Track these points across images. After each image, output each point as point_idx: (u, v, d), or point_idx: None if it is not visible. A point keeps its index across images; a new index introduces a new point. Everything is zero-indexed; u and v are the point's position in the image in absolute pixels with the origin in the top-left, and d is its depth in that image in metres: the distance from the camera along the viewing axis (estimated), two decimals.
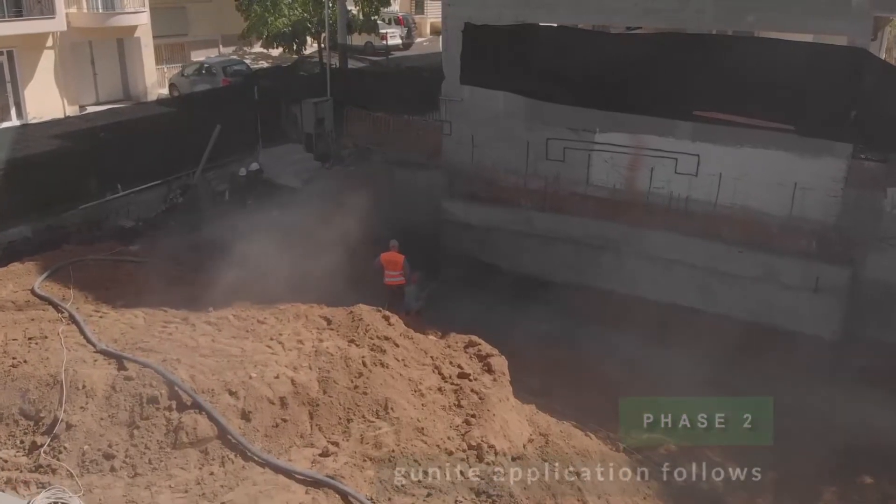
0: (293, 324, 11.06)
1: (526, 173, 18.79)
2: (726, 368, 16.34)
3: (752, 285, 16.36)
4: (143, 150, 16.40)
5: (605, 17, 17.14)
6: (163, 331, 10.77)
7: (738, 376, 16.03)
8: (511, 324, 18.07)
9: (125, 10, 24.63)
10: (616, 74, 16.94)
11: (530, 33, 17.83)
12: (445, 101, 19.56)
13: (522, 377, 14.96)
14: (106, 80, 26.11)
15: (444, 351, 11.84)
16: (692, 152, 16.57)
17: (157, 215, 16.75)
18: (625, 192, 17.59)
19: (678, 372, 16.57)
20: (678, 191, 16.92)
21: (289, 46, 27.99)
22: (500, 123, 18.84)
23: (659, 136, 16.82)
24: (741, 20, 15.70)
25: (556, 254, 18.47)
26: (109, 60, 26.08)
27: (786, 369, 15.61)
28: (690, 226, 16.84)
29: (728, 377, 16.28)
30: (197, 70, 25.61)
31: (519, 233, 18.92)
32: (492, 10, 18.17)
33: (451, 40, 19.13)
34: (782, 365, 15.75)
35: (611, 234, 17.61)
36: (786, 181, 15.84)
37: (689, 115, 16.39)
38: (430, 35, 45.20)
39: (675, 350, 16.84)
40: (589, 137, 17.73)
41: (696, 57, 16.12)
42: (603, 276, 17.91)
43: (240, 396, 9.09)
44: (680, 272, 17.01)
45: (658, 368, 16.41)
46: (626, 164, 17.43)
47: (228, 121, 18.21)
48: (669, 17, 16.25)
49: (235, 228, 16.92)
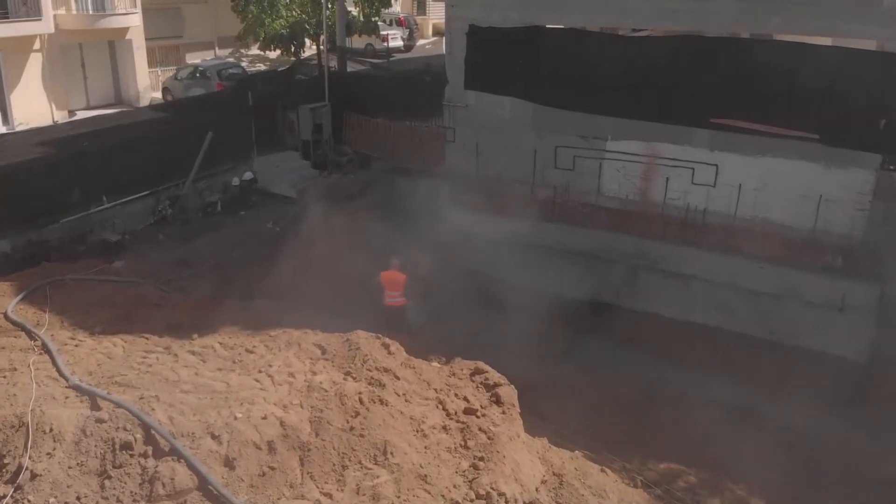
0: (284, 353, 10.17)
1: (533, 182, 17.95)
2: (746, 390, 15.54)
3: (774, 303, 15.46)
4: (131, 158, 15.51)
5: (616, 19, 16.25)
6: (142, 362, 9.88)
7: (760, 399, 15.23)
8: (518, 341, 17.22)
9: (116, 12, 23.71)
10: (629, 79, 16.11)
11: (538, 36, 16.98)
12: (449, 106, 18.74)
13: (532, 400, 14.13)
14: (97, 83, 25.19)
15: (448, 380, 10.93)
16: (710, 162, 15.73)
17: (144, 228, 15.89)
18: (638, 203, 16.74)
19: (696, 393, 15.70)
20: (695, 202, 16.07)
21: (286, 49, 27.10)
22: (506, 130, 17.99)
23: (674, 144, 15.97)
24: (764, 22, 14.80)
25: (565, 267, 17.58)
26: (100, 63, 25.17)
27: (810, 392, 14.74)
28: (708, 239, 15.99)
29: (748, 400, 15.47)
30: (191, 73, 24.69)
31: (526, 245, 18.03)
32: (497, 11, 17.32)
33: (454, 43, 18.28)
34: (806, 387, 14.87)
35: (623, 247, 16.74)
36: (810, 193, 14.99)
37: (707, 123, 15.54)
38: (433, 37, 44.29)
39: (691, 370, 15.99)
40: (600, 145, 16.88)
41: (715, 61, 15.27)
42: (615, 292, 17.06)
43: (223, 441, 8.19)
44: (697, 288, 16.14)
45: (674, 389, 15.54)
46: (640, 174, 16.58)
47: (221, 127, 17.34)
48: (687, 18, 15.36)
49: (227, 241, 16.09)
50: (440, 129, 19.19)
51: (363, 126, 20.24)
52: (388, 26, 39.05)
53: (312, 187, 18.39)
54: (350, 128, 20.47)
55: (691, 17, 15.38)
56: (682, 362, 16.02)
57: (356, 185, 19.26)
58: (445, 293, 18.68)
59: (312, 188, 18.34)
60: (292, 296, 16.26)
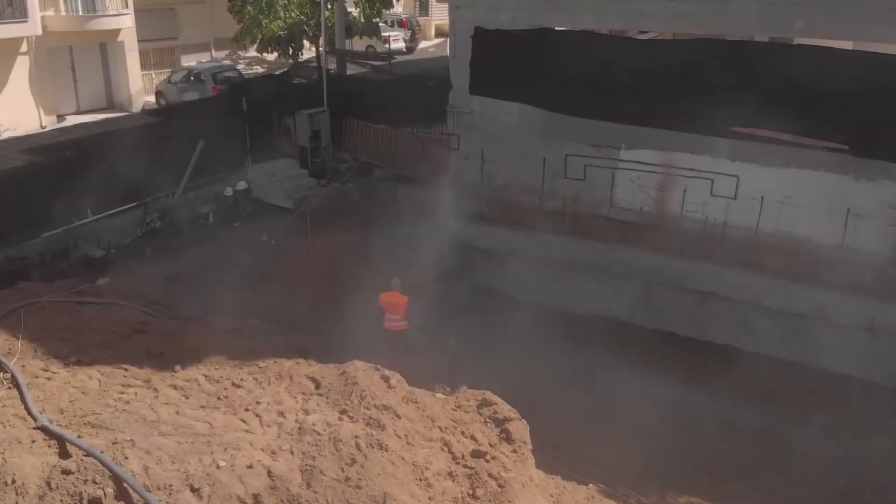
0: (275, 387, 9.29)
1: (542, 193, 17.09)
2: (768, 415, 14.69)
3: (798, 323, 14.64)
4: (117, 168, 14.63)
5: (632, 21, 15.37)
6: (119, 398, 9.01)
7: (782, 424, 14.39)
8: (527, 361, 16.38)
9: (107, 13, 22.79)
10: (645, 85, 15.26)
11: (548, 39, 16.10)
12: (453, 112, 17.88)
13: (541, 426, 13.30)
14: (88, 87, 24.27)
15: (454, 415, 10.05)
16: (730, 173, 14.87)
17: (131, 241, 15.02)
18: (653, 216, 15.89)
19: (715, 419, 14.87)
20: (714, 215, 15.22)
21: (284, 51, 26.22)
22: (513, 137, 17.14)
23: (693, 154, 15.12)
24: (789, 26, 13.91)
25: (577, 282, 16.76)
26: (91, 66, 24.26)
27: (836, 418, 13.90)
28: (728, 254, 15.16)
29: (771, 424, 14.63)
30: (185, 77, 23.79)
31: (534, 258, 17.17)
32: (505, 12, 16.45)
33: (459, 46, 17.40)
34: (832, 413, 14.03)
35: (638, 261, 15.92)
36: (837, 207, 14.12)
37: (728, 132, 14.68)
38: (436, 38, 43.37)
39: (710, 393, 15.17)
40: (613, 154, 16.01)
41: (736, 66, 14.42)
42: (628, 309, 16.26)
43: (203, 494, 7.32)
44: (715, 306, 15.32)
45: (692, 415, 14.73)
46: (656, 185, 15.71)
47: (214, 134, 16.47)
48: (706, 21, 14.48)
49: (218, 255, 15.23)
50: (444, 135, 18.30)
51: (363, 132, 19.37)
52: (390, 28, 38.17)
53: (310, 197, 17.51)
54: (350, 134, 19.60)
55: (709, 20, 14.50)
56: (700, 385, 15.20)
57: (356, 195, 18.39)
58: (450, 308, 17.84)
59: (310, 198, 17.47)
60: (287, 315, 15.42)
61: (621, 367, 15.96)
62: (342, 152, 19.81)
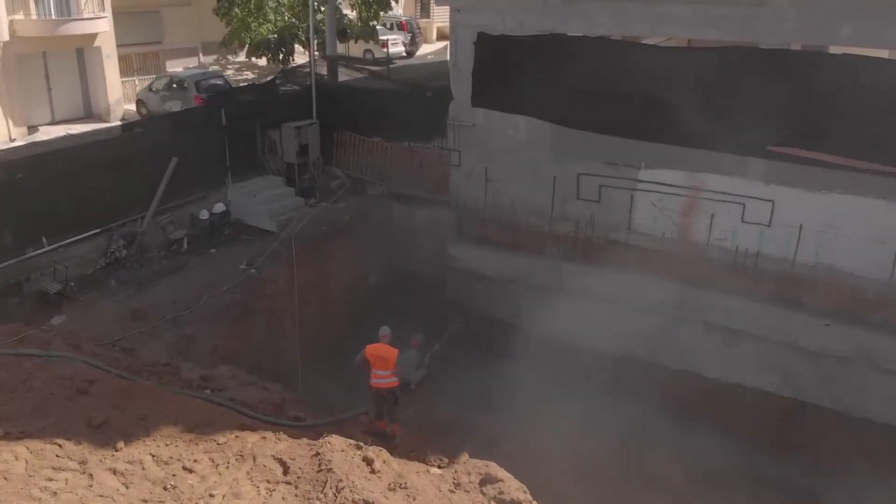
0: (234, 472, 7.68)
1: (552, 215, 15.55)
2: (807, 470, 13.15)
3: (841, 367, 13.07)
4: (78, 190, 13.02)
5: (655, 27, 13.75)
6: (46, 486, 7.42)
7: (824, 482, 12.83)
8: (536, 403, 14.84)
9: (81, 17, 21.09)
10: (668, 97, 13.66)
11: (560, 46, 14.53)
12: (454, 125, 16.32)
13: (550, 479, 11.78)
14: (63, 96, 22.54)
15: (452, 498, 8.44)
16: (765, 197, 13.29)
17: (94, 273, 13.39)
18: (677, 243, 14.32)
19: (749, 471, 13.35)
20: (746, 244, 13.66)
21: (274, 56, 24.64)
22: (520, 154, 15.58)
23: (722, 175, 13.59)
24: (832, 33, 12.28)
25: (590, 315, 15.11)
26: (67, 74, 22.55)
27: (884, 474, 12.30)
28: (761, 288, 13.68)
29: (811, 482, 13.07)
30: (167, 84, 22.15)
31: (543, 287, 15.59)
32: (512, 16, 14.87)
33: (460, 53, 15.82)
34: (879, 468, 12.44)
35: (659, 294, 14.39)
36: (886, 237, 12.61)
37: (763, 151, 13.13)
38: (437, 41, 41.71)
39: (740, 442, 13.77)
40: (632, 174, 14.45)
41: (773, 78, 12.82)
42: (650, 345, 14.73)
43: None
44: (746, 346, 13.79)
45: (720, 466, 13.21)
46: (680, 209, 14.14)
47: (190, 151, 14.84)
48: (739, 27, 12.87)
49: (191, 287, 13.63)
50: (443, 150, 16.70)
51: (356, 146, 17.78)
52: (389, 30, 36.55)
53: (296, 219, 15.87)
54: (341, 148, 18.02)
55: (742, 26, 12.87)
56: (729, 433, 13.68)
57: (347, 215, 16.77)
58: (449, 342, 16.29)
59: (296, 220, 15.83)
60: (265, 358, 13.85)
61: (641, 412, 14.44)
62: (334, 168, 18.20)
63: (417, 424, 11.17)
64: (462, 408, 14.76)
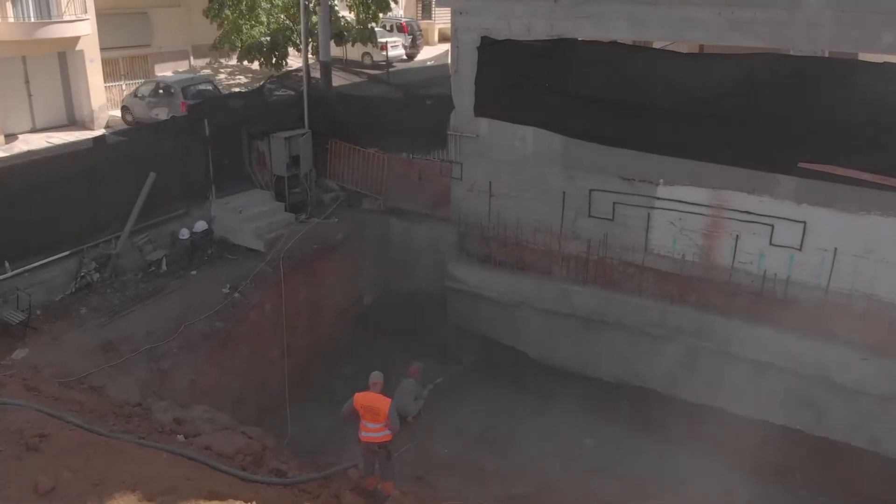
0: None
1: (562, 233, 14.43)
2: None
3: (879, 405, 11.94)
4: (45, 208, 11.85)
5: (676, 32, 12.61)
6: None
7: None
8: (541, 437, 13.73)
9: (62, 19, 19.81)
10: (689, 108, 12.61)
11: (571, 51, 13.43)
12: (455, 136, 15.17)
13: None
14: (44, 102, 21.17)
15: None
16: (796, 218, 12.17)
17: (62, 300, 12.25)
18: (698, 266, 13.22)
19: None
20: (774, 269, 12.56)
21: (267, 59, 23.46)
22: (527, 167, 14.49)
23: (749, 193, 12.48)
24: (873, 40, 11.15)
25: (602, 342, 14.12)
26: (48, 79, 21.20)
27: None
28: (790, 317, 12.52)
29: None
30: (153, 90, 20.93)
31: (551, 311, 14.48)
32: (518, 20, 13.75)
33: (462, 59, 14.70)
34: None
35: (678, 321, 13.31)
36: None
37: (794, 168, 12.01)
38: (439, 43, 40.53)
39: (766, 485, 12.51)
40: (649, 191, 13.32)
41: (806, 88, 11.68)
42: (665, 377, 13.68)
43: None
44: (774, 380, 12.69)
45: None
46: (702, 229, 13.02)
47: (169, 164, 13.68)
48: (768, 32, 11.77)
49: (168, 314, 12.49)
50: (444, 163, 15.57)
51: (351, 157, 16.64)
52: (389, 33, 35.38)
53: (285, 236, 14.71)
54: (336, 158, 16.88)
55: (772, 31, 11.76)
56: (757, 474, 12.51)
57: (340, 232, 15.62)
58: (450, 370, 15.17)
59: (285, 237, 14.67)
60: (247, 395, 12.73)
61: (658, 450, 13.31)
62: (327, 180, 17.06)
63: (409, 491, 9.94)
64: (465, 442, 13.67)
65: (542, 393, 14.67)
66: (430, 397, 14.17)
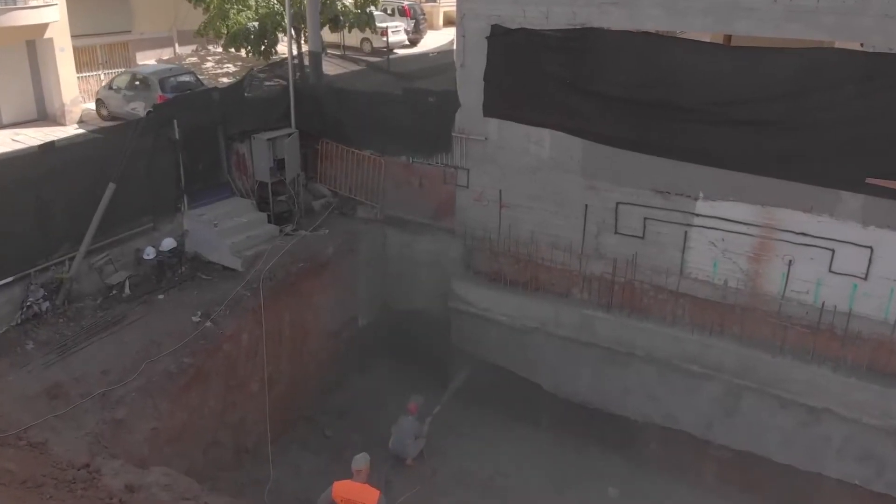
0: None
1: (583, 251, 12.66)
2: None
3: None
4: None
5: (722, 22, 10.75)
6: None
7: None
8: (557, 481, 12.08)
9: (27, 5, 17.83)
10: (736, 111, 10.79)
11: (596, 43, 11.59)
12: (461, 139, 13.37)
13: None
14: (11, 96, 19.20)
15: None
16: (861, 242, 10.43)
17: (5, 333, 10.51)
18: (743, 294, 11.46)
19: None
20: (833, 300, 10.80)
21: (255, 48, 21.58)
22: (543, 175, 12.73)
23: (805, 212, 10.67)
24: None
25: (629, 376, 12.38)
26: (16, 70, 19.25)
27: None
28: (851, 357, 10.76)
29: None
30: (129, 82, 19.01)
31: (570, 339, 12.75)
32: (535, 6, 11.94)
33: (470, 51, 12.88)
34: None
35: (718, 357, 11.62)
36: None
37: (860, 184, 10.23)
38: (445, 27, 38.48)
39: None
40: (686, 206, 11.56)
41: (878, 91, 9.82)
42: (702, 419, 11.90)
43: None
44: (831, 427, 10.97)
45: None
46: (748, 252, 11.28)
47: (133, 172, 11.89)
48: (835, 23, 9.94)
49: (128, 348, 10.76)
50: (448, 168, 13.79)
51: (344, 159, 14.86)
52: (390, 17, 33.48)
53: (268, 253, 12.94)
54: (327, 161, 15.10)
55: (841, 23, 9.94)
56: None
57: (331, 245, 13.86)
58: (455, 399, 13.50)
59: (267, 254, 12.90)
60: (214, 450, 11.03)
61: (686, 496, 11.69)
62: (318, 184, 15.29)
63: None
64: (471, 491, 12.03)
65: (559, 431, 13.01)
66: (429, 434, 12.59)
